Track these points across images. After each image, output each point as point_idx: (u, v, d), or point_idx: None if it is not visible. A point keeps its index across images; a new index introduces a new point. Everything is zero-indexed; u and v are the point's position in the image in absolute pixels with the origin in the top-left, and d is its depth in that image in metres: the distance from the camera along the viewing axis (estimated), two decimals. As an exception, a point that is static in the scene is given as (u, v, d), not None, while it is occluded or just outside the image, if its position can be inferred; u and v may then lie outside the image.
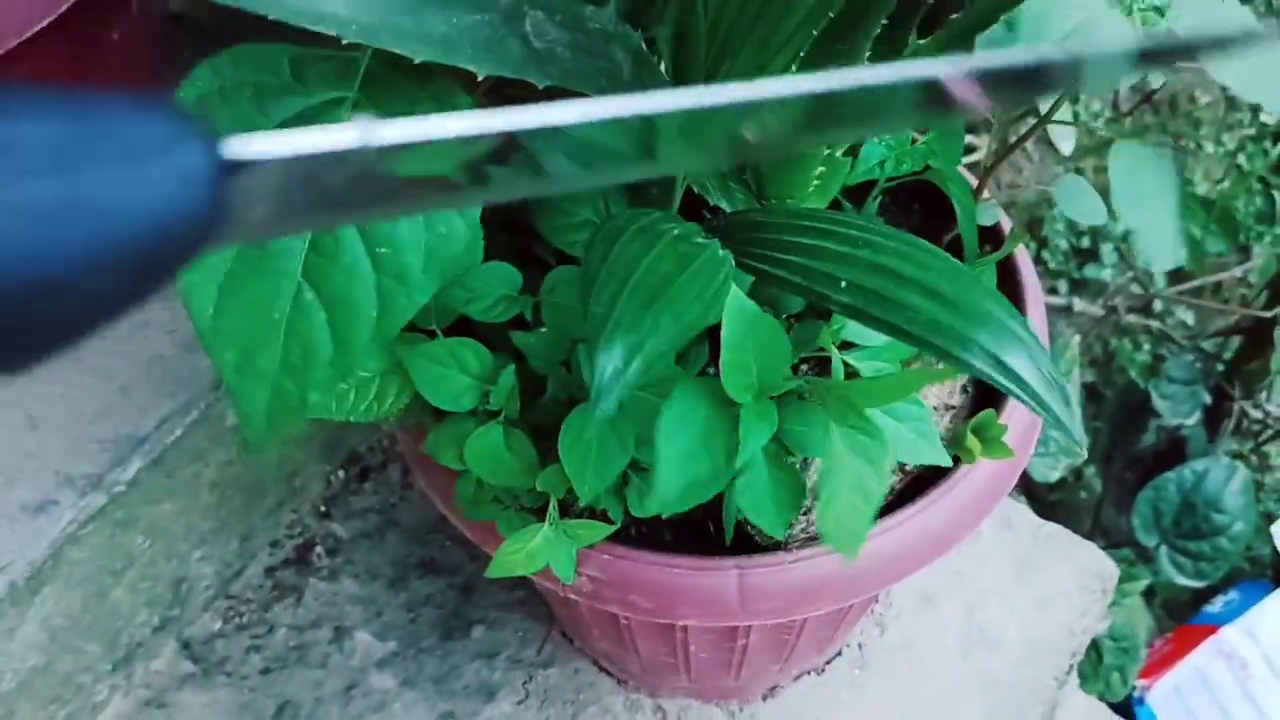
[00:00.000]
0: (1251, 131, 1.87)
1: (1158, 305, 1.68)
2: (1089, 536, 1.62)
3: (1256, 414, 1.58)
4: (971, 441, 0.61)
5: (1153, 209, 0.60)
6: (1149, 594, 1.63)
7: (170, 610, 0.83)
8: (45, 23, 0.60)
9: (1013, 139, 1.27)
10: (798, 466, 0.58)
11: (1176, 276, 1.80)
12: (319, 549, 0.90)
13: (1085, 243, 1.77)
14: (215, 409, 0.77)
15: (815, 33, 0.49)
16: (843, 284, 0.49)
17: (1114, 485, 1.69)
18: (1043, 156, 1.75)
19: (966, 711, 0.84)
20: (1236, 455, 1.59)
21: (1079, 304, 1.59)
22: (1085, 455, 1.46)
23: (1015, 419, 0.66)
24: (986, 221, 0.73)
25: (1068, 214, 0.67)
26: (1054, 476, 1.33)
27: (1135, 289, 1.65)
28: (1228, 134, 1.91)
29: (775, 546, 0.62)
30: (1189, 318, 1.77)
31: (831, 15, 0.48)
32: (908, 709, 0.85)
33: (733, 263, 0.50)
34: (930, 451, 0.57)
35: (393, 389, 0.58)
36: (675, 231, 0.49)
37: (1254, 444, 1.62)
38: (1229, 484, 1.48)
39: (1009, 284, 0.70)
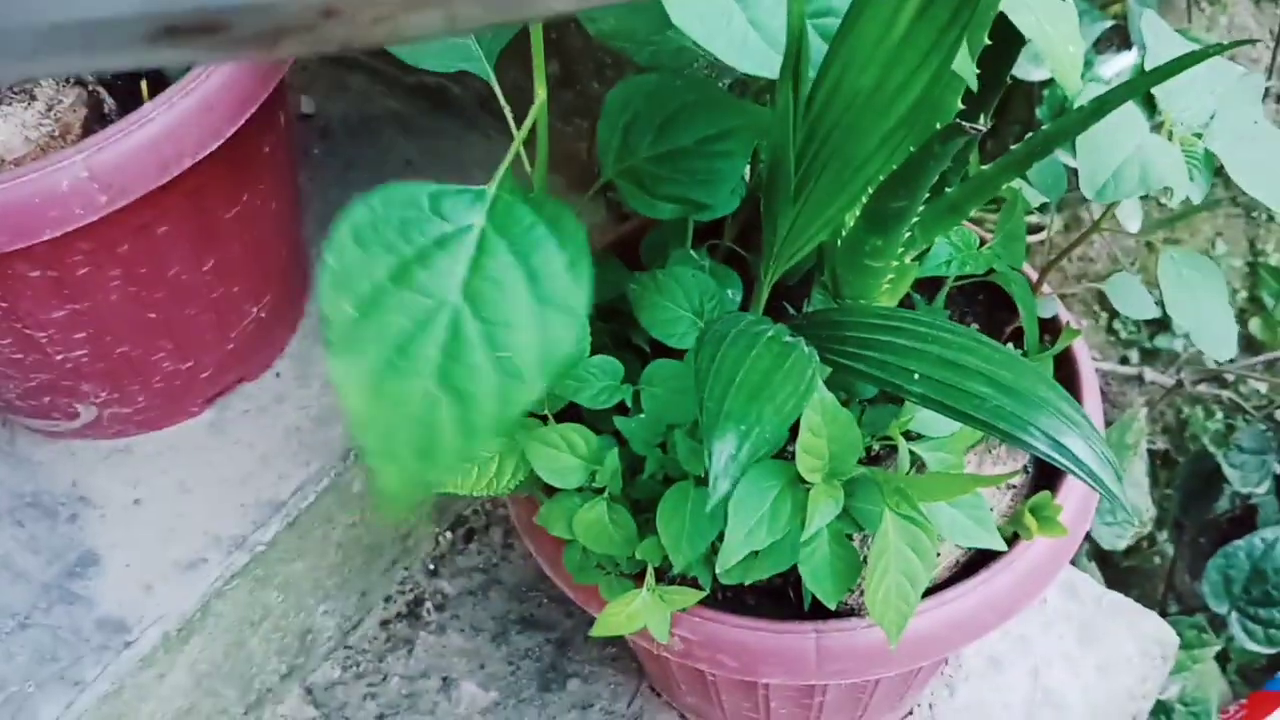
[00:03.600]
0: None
1: (1229, 375, 1.71)
2: (1162, 602, 1.66)
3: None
4: (1029, 520, 0.67)
5: (1203, 309, 0.66)
6: (1223, 659, 1.65)
7: (296, 659, 0.91)
8: (216, 145, 0.69)
9: (1077, 223, 1.33)
10: (855, 543, 0.65)
11: (1249, 346, 1.83)
12: (428, 604, 0.98)
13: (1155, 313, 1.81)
14: (344, 477, 0.86)
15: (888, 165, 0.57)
16: (915, 376, 0.56)
17: (1186, 551, 1.72)
18: (1114, 230, 1.80)
19: (1032, 770, 0.89)
20: (1308, 525, 1.60)
21: (1150, 373, 1.63)
22: (1147, 526, 1.50)
23: (1072, 497, 0.72)
24: (1046, 314, 0.79)
25: (1121, 310, 0.73)
26: (1121, 545, 1.37)
27: (1206, 358, 1.68)
28: (1301, 205, 1.93)
29: (850, 612, 0.69)
30: (1262, 386, 1.79)
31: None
32: (976, 766, 0.90)
33: (818, 358, 0.57)
34: (985, 537, 0.63)
35: (510, 467, 0.66)
36: (769, 333, 0.57)
37: (1327, 513, 1.63)
38: (1300, 553, 1.50)
39: (1066, 371, 0.76)
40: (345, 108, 1.07)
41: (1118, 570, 1.68)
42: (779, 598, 0.72)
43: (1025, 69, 1.32)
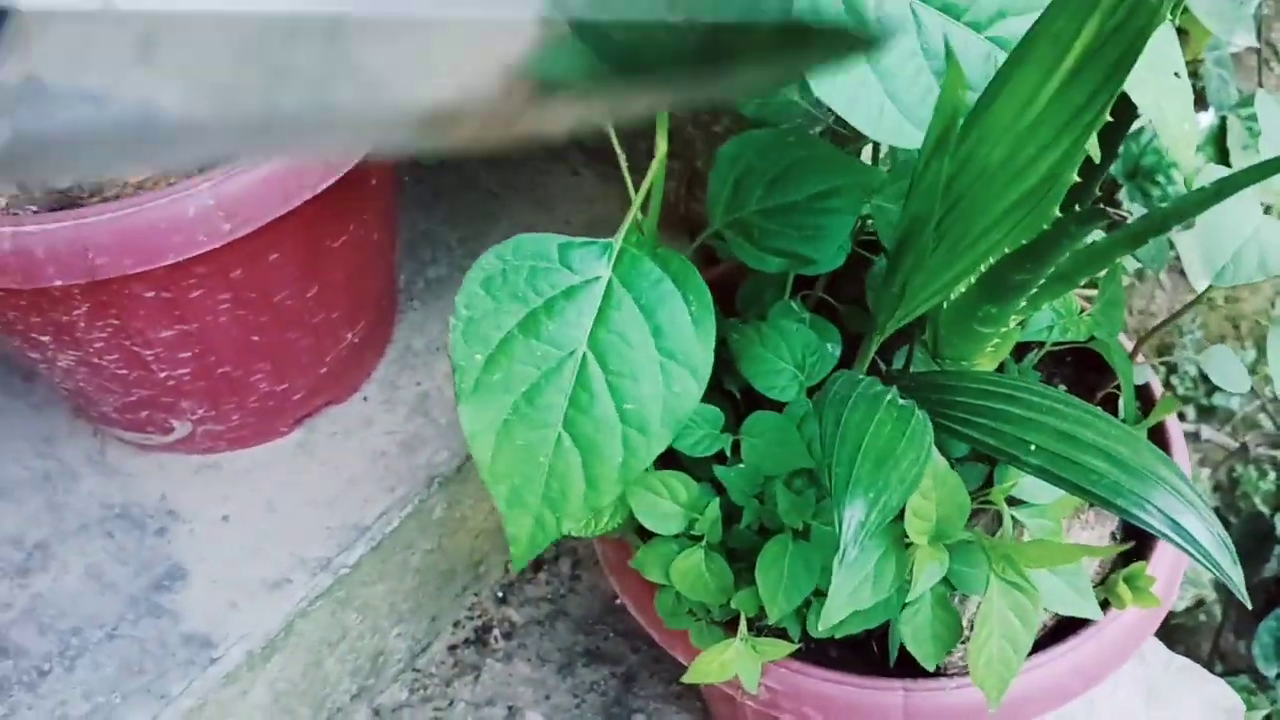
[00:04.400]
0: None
1: (1287, 436, 1.70)
2: (1209, 662, 1.64)
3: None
4: (1123, 589, 0.67)
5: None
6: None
7: (367, 680, 0.92)
8: (331, 181, 0.71)
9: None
10: (956, 603, 0.66)
11: (1307, 407, 1.82)
12: (496, 632, 0.98)
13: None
14: (427, 503, 0.87)
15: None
16: (1032, 447, 0.57)
17: (1235, 612, 1.71)
18: (1175, 285, 1.80)
19: (1094, 832, 0.89)
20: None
21: (1207, 431, 1.62)
22: (1206, 588, 1.49)
23: (1162, 566, 0.72)
24: (1138, 381, 0.80)
25: (1218, 384, 0.73)
26: (1181, 606, 1.36)
27: (1263, 418, 1.68)
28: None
29: (936, 671, 0.69)
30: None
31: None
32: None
33: (932, 425, 0.58)
34: (1083, 605, 0.64)
35: (609, 509, 0.67)
36: (888, 397, 0.57)
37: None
38: (1353, 620, 1.49)
39: (1159, 440, 0.77)
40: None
41: (1164, 628, 1.66)
42: (862, 649, 0.73)
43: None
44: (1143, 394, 0.81)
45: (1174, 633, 1.68)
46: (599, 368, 0.56)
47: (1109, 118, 0.62)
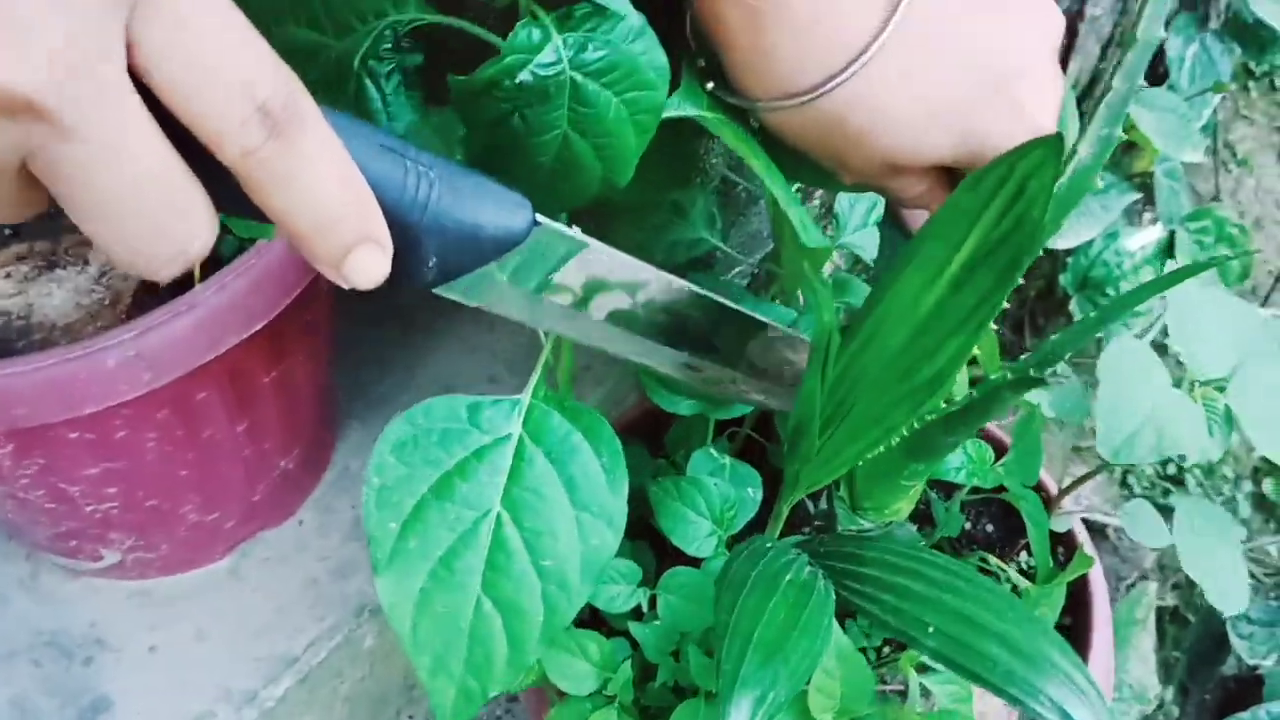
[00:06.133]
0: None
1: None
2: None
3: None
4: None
5: (1216, 561, 0.67)
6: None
7: (297, 807, 0.91)
8: (262, 324, 0.71)
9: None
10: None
11: (1263, 506, 1.83)
12: (431, 754, 0.98)
13: (1171, 469, 1.81)
14: (356, 632, 0.87)
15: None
16: (930, 629, 0.57)
17: (1192, 711, 1.71)
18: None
19: None
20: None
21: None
22: (1151, 704, 1.49)
23: None
24: (1060, 529, 0.80)
25: (1133, 537, 0.74)
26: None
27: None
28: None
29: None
30: (1275, 550, 1.79)
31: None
32: None
33: (834, 602, 0.58)
34: (993, 772, 0.64)
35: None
36: (788, 576, 0.58)
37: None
38: (1306, 729, 1.49)
39: (1079, 591, 0.77)
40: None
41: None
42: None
43: (1050, 239, 1.35)
44: (1067, 540, 0.82)
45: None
46: (514, 526, 0.56)
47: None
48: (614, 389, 1.00)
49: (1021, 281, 0.51)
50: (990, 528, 0.85)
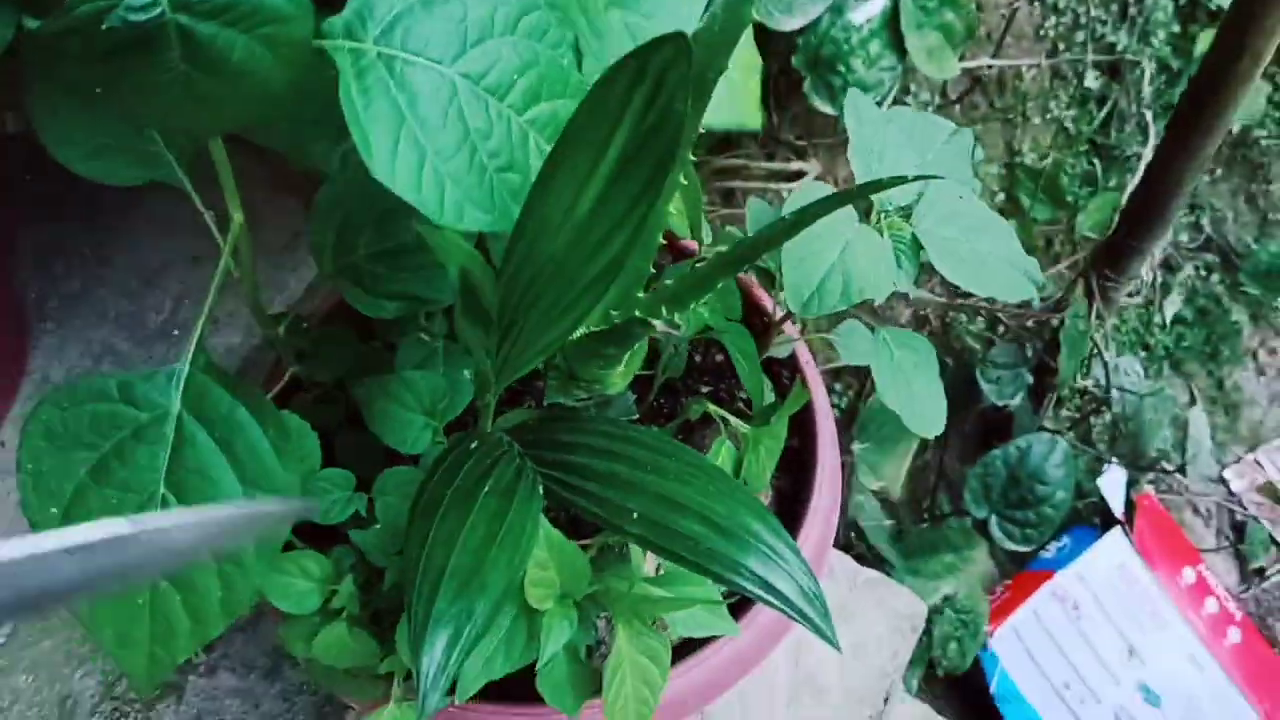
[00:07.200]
0: (1077, 95, 1.96)
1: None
2: (932, 502, 1.74)
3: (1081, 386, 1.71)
4: (764, 590, 0.69)
5: (915, 390, 0.68)
6: (990, 545, 1.77)
7: (58, 725, 0.89)
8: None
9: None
10: (592, 645, 0.67)
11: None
12: (196, 646, 0.96)
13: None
14: (84, 553, 0.83)
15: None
16: (634, 515, 0.57)
17: (956, 454, 1.82)
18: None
19: (794, 752, 0.95)
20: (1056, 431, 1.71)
21: (913, 290, 1.69)
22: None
23: (808, 545, 0.75)
24: (783, 354, 0.81)
25: (846, 359, 0.75)
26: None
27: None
28: (1054, 102, 2.00)
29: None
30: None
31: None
32: (743, 754, 0.95)
33: (542, 496, 0.57)
34: (721, 625, 0.66)
35: (244, 593, 0.65)
36: (487, 487, 0.56)
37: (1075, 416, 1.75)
38: (1050, 457, 1.61)
39: (803, 421, 0.79)
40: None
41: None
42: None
43: (777, 20, 1.32)
44: (791, 363, 0.82)
45: (909, 478, 1.77)
46: (181, 507, 0.53)
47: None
48: (313, 278, 0.95)
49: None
50: (719, 357, 0.85)
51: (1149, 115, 1.79)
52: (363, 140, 0.51)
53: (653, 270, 0.62)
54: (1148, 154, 1.70)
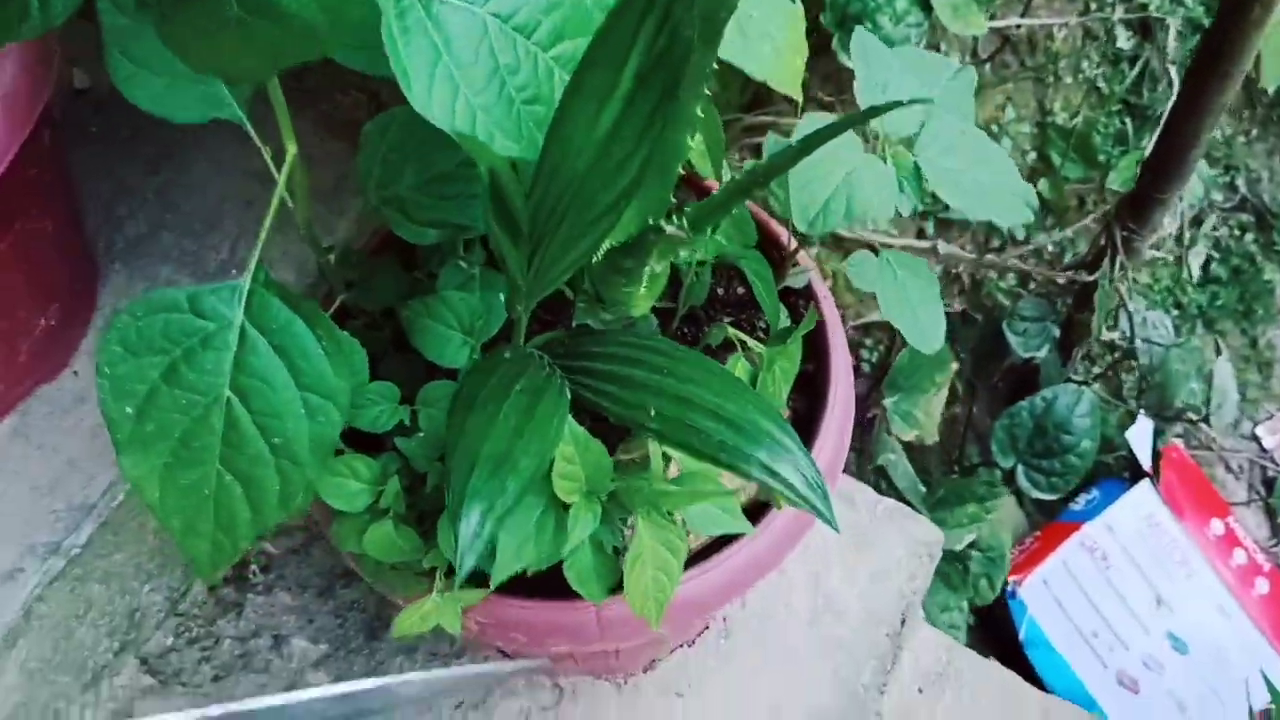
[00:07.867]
0: (1109, 54, 1.98)
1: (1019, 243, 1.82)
2: (961, 450, 1.77)
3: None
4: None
5: (916, 308, 0.73)
6: (1019, 495, 1.80)
7: (128, 635, 0.96)
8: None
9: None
10: (618, 546, 0.72)
11: (1041, 205, 1.94)
12: (253, 566, 1.03)
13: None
14: (152, 472, 0.89)
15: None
16: (652, 413, 0.62)
17: (984, 405, 1.86)
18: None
19: (816, 670, 1.01)
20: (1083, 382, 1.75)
21: (944, 246, 1.73)
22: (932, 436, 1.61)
23: (821, 458, 0.80)
24: (798, 284, 0.86)
25: (857, 285, 0.79)
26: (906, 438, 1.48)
27: (999, 229, 1.79)
28: (1086, 61, 2.02)
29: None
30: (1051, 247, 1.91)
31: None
32: (767, 670, 1.01)
33: (568, 397, 0.63)
34: (734, 524, 0.71)
35: (299, 493, 0.71)
36: (518, 386, 0.62)
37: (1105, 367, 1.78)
38: (1076, 407, 1.64)
39: (818, 341, 0.84)
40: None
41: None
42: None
43: None
44: (806, 294, 0.87)
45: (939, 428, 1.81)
46: (244, 409, 0.59)
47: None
48: (363, 214, 1.01)
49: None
50: (740, 290, 0.90)
51: (1173, 72, 1.81)
52: (403, 75, 0.57)
53: (674, 203, 0.67)
54: (1169, 106, 1.73)
